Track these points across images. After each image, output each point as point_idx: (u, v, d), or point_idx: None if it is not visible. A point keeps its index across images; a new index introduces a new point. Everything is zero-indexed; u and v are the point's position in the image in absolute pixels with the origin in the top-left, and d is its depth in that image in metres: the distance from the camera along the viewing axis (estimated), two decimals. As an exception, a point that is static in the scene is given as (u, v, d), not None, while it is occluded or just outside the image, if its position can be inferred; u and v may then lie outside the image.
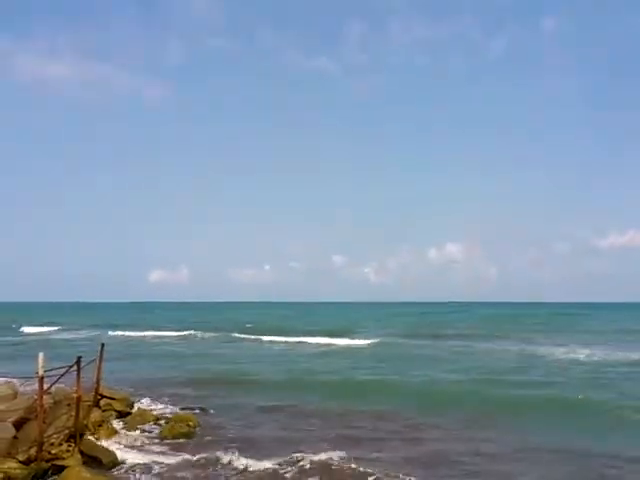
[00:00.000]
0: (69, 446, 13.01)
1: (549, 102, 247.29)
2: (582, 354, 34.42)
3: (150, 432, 15.75)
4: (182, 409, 18.79)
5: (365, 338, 49.14)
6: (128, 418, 16.63)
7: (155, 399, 20.44)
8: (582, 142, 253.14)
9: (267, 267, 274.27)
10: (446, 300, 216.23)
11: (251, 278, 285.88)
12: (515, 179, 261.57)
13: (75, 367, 13.82)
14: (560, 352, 35.83)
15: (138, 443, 14.69)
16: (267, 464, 12.80)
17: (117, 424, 16.04)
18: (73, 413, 13.62)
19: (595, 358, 32.79)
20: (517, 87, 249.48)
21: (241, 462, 12.91)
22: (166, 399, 20.62)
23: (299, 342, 47.45)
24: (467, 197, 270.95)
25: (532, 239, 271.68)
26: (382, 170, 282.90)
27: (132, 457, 13.43)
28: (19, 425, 13.05)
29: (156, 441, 15.00)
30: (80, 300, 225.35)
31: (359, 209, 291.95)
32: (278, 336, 50.85)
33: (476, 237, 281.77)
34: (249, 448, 14.22)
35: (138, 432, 15.62)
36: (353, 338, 49.78)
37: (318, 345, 45.17)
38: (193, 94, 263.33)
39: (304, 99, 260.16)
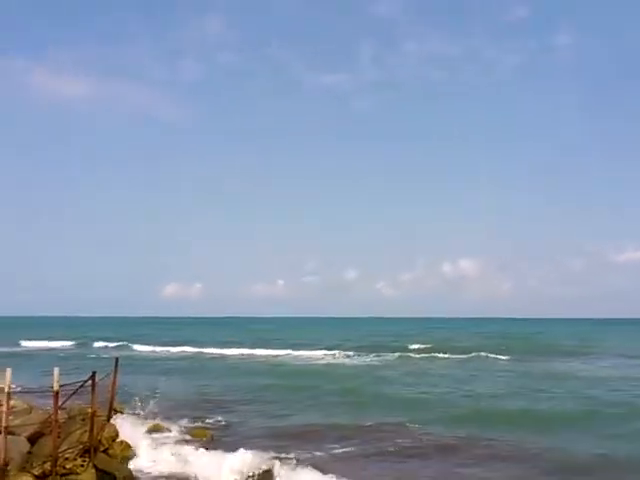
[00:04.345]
0: (83, 461, 13.01)
1: (564, 115, 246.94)
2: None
3: (164, 446, 15.70)
4: (195, 423, 18.76)
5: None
6: (142, 431, 16.58)
7: (168, 414, 20.39)
8: (598, 156, 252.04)
9: (281, 282, 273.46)
10: (460, 316, 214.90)
11: (265, 293, 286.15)
12: (530, 194, 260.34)
13: (90, 382, 13.90)
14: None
15: (152, 458, 14.64)
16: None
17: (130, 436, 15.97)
18: (87, 428, 13.64)
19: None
20: (531, 101, 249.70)
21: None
22: (179, 414, 20.57)
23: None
24: (481, 212, 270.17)
25: (547, 254, 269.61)
26: (396, 184, 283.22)
27: (146, 472, 13.41)
28: (34, 440, 13.10)
29: (170, 455, 14.94)
30: (91, 315, 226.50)
31: (373, 224, 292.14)
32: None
33: (490, 252, 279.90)
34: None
35: (152, 446, 15.57)
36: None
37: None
38: (208, 110, 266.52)
39: (318, 115, 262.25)
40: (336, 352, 52.49)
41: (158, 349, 58.73)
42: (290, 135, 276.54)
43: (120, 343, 64.80)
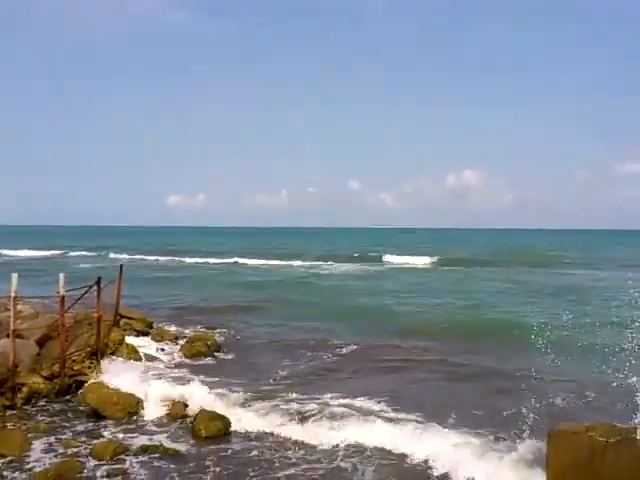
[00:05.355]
0: (91, 363, 13.42)
1: (577, 27, 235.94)
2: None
3: (169, 351, 16.15)
4: (201, 329, 19.24)
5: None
6: (147, 337, 17.03)
7: (173, 320, 20.87)
8: (609, 64, 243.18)
9: (284, 192, 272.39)
10: (464, 227, 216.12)
11: (268, 203, 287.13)
12: (537, 104, 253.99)
13: (95, 287, 14.08)
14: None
15: (157, 362, 15.07)
16: (281, 388, 13.01)
17: (136, 342, 16.39)
18: (94, 332, 13.95)
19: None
20: (550, 12, 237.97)
21: (257, 383, 13.16)
22: (184, 320, 21.05)
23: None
24: (486, 123, 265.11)
25: (552, 166, 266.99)
26: (400, 96, 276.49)
27: (151, 374, 13.79)
28: (42, 343, 13.45)
29: (175, 359, 15.40)
30: (98, 224, 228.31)
31: (378, 135, 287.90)
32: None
33: (494, 164, 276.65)
34: (265, 369, 14.55)
35: (157, 351, 16.01)
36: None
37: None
38: (218, 19, 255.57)
39: (336, 28, 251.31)
40: (330, 262, 53.66)
41: (145, 258, 59.37)
42: (301, 44, 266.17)
43: (105, 252, 65.85)
